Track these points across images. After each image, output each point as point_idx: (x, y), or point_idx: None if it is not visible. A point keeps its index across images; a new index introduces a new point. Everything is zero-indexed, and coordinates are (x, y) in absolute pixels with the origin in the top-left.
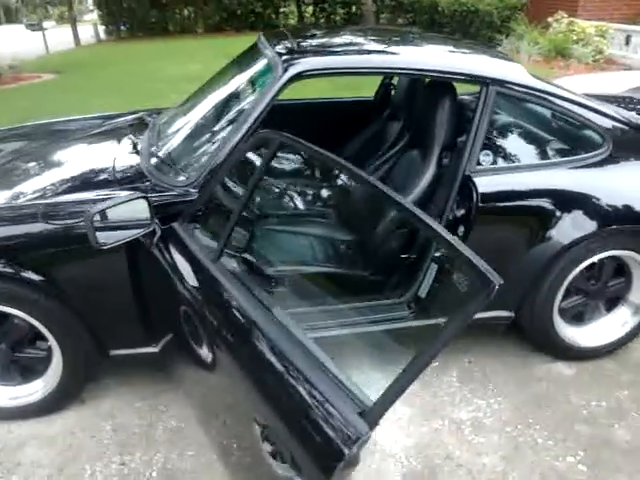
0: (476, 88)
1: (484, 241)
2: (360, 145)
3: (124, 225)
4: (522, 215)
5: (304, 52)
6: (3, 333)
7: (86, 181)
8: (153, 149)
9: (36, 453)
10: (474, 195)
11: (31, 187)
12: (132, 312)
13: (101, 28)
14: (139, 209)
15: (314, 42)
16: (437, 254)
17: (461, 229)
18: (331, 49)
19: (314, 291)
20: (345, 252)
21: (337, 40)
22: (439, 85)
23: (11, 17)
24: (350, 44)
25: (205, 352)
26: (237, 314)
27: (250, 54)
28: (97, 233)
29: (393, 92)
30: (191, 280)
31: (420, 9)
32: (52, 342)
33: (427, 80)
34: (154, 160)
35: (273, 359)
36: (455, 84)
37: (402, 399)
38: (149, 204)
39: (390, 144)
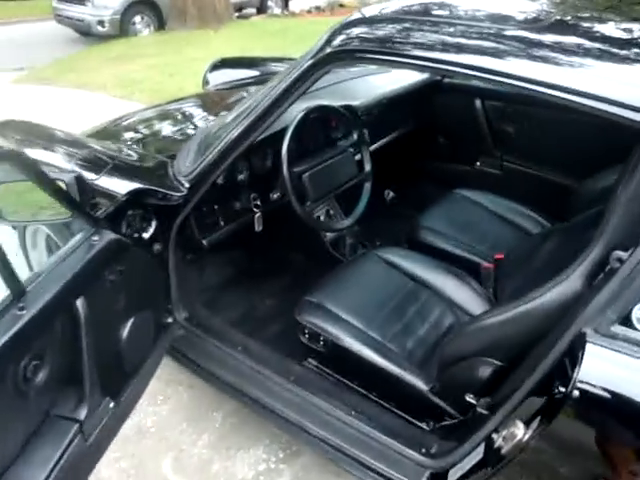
0: None
1: None
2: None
3: None
4: None
5: (363, 25)
6: None
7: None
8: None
9: None
10: (571, 379)
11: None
12: None
13: None
14: None
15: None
16: (496, 436)
17: (536, 419)
18: (413, 28)
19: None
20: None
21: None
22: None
23: None
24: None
25: None
26: None
27: None
28: None
29: None
30: None
31: None
32: None
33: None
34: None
35: None
36: None
37: None
38: None
39: None
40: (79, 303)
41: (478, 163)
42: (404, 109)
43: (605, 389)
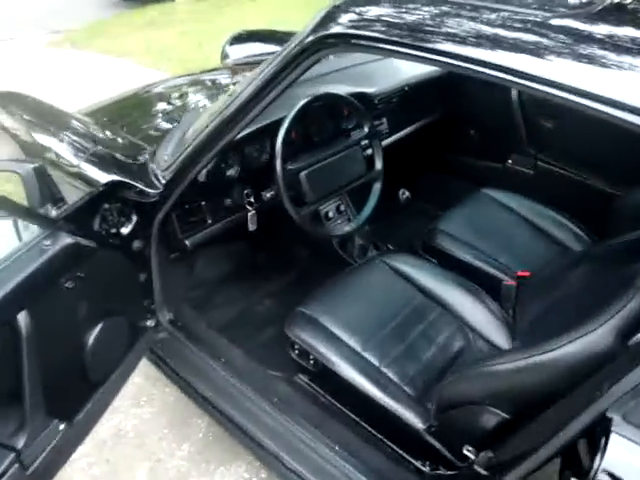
0: None
1: None
2: None
3: None
4: None
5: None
6: None
7: None
8: None
9: None
10: (588, 471)
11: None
12: None
13: None
14: None
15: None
16: None
17: None
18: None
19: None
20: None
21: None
22: None
23: None
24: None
25: None
26: None
27: None
28: None
29: None
30: None
31: None
32: None
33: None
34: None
35: None
36: None
37: None
38: None
39: None
40: (21, 317)
41: (510, 161)
42: (430, 97)
43: None
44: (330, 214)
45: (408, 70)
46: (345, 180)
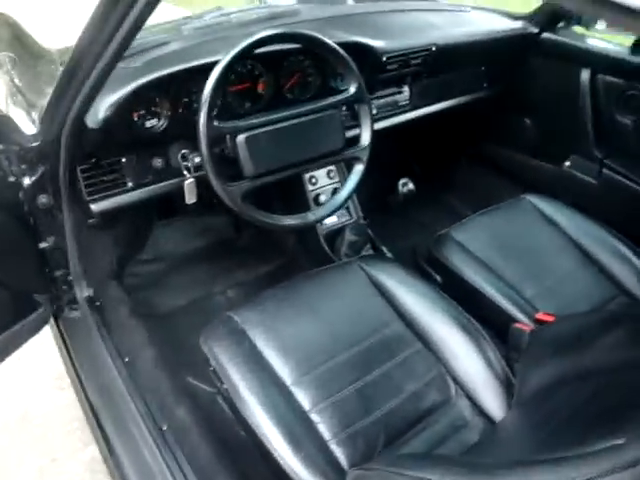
0: None
1: None
2: None
3: None
4: None
5: None
6: None
7: None
8: None
9: None
10: None
11: None
12: None
13: None
14: None
15: None
16: None
17: None
18: None
19: None
20: None
21: None
22: None
23: None
24: None
25: None
26: None
27: None
28: None
29: None
30: None
31: None
32: None
33: None
34: None
35: None
36: None
37: None
38: None
39: None
40: None
41: (567, 163)
42: (474, 66)
43: None
44: (322, 198)
45: (445, 25)
46: (308, 154)
